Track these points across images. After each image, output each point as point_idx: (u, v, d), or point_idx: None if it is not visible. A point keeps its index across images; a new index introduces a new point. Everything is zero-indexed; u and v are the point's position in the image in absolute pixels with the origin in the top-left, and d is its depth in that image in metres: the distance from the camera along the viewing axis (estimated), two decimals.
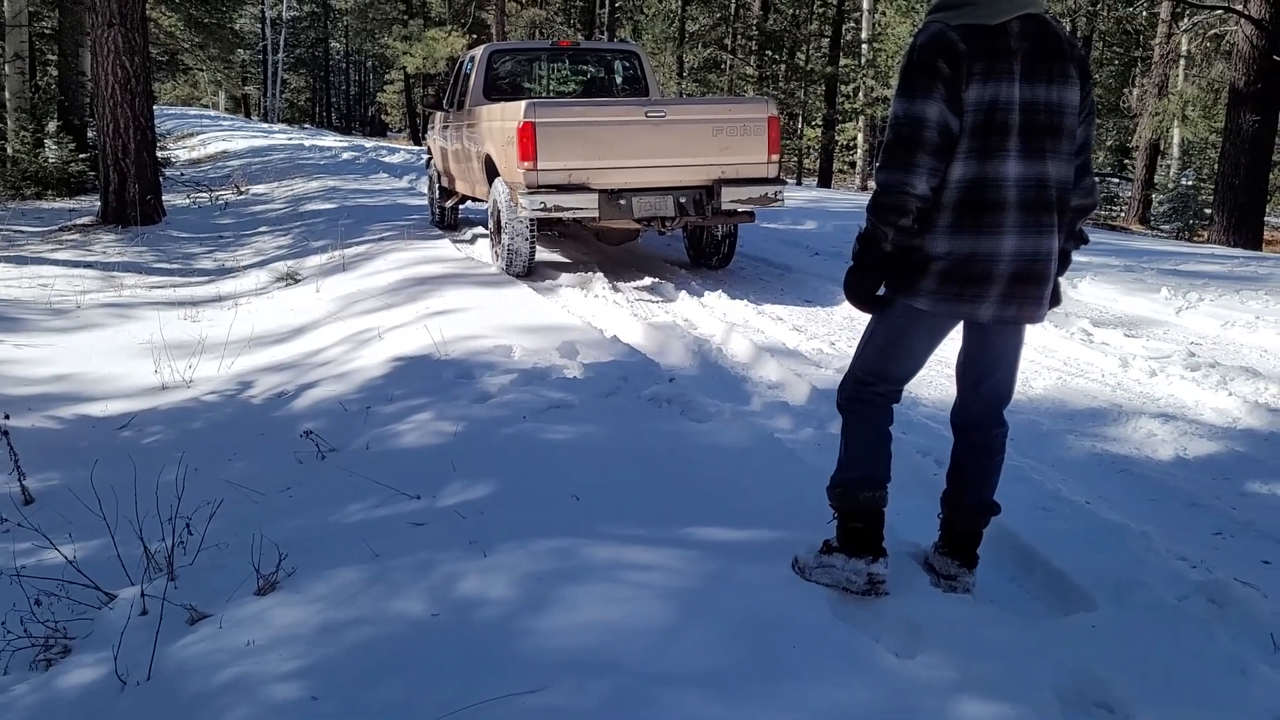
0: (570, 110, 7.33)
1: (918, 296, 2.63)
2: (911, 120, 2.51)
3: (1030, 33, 2.54)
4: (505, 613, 2.66)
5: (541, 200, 6.95)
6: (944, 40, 2.50)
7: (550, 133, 6.98)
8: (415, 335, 5.66)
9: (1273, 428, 4.43)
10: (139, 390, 5.45)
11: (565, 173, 7.04)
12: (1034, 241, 2.58)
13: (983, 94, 2.49)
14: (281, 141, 26.63)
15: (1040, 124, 2.54)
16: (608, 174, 7.10)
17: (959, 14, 2.53)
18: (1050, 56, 2.55)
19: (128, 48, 11.21)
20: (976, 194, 2.53)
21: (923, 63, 2.51)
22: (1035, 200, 2.56)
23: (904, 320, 2.71)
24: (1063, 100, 2.57)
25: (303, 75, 54.53)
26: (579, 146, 7.04)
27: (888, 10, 29.89)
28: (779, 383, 5.03)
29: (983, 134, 2.51)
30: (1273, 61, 13.14)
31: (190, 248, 10.66)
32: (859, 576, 2.79)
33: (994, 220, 2.54)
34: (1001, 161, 2.52)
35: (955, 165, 2.54)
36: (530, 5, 32.08)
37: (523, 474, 3.66)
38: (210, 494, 3.47)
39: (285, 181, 16.45)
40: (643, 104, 7.52)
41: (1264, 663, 2.51)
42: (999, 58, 2.50)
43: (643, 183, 7.17)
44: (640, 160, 7.14)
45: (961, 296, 2.59)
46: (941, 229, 2.57)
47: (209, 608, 2.82)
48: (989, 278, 2.57)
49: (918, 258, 2.61)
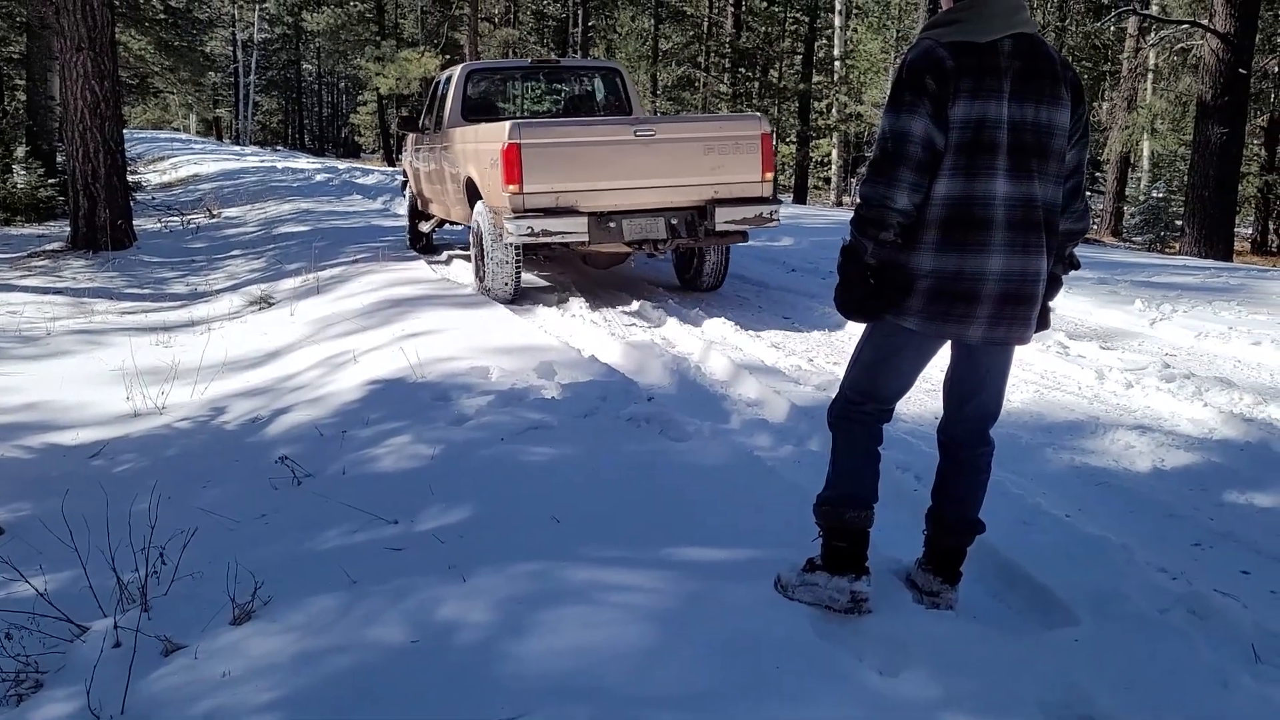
0: (557, 130, 7.04)
1: (906, 316, 2.62)
2: (896, 135, 2.52)
3: (1022, 52, 2.55)
4: (485, 638, 2.63)
5: (529, 225, 6.69)
6: (932, 57, 2.51)
7: (536, 154, 6.72)
8: (391, 358, 5.62)
9: (1248, 438, 4.45)
10: (111, 418, 5.38)
11: (552, 195, 6.77)
12: (1021, 261, 2.57)
13: (970, 111, 2.50)
14: (254, 164, 26.51)
15: (1028, 144, 2.55)
16: (596, 196, 6.85)
17: (949, 31, 2.55)
18: (1041, 77, 2.56)
19: (97, 72, 11.14)
20: (963, 211, 2.54)
21: (910, 79, 2.52)
22: (1023, 220, 2.56)
23: (892, 339, 2.71)
24: (1052, 121, 2.57)
25: (275, 97, 54.38)
26: (566, 168, 6.78)
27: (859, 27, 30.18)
28: (758, 400, 5.02)
29: (969, 151, 2.51)
30: (1239, 75, 13.35)
31: (162, 272, 10.57)
32: (842, 595, 2.77)
33: (981, 238, 2.54)
34: (989, 180, 2.52)
35: (940, 182, 2.54)
36: (503, 26, 32.19)
37: (501, 496, 3.63)
38: (184, 522, 3.42)
39: (258, 204, 16.37)
40: (631, 123, 7.26)
41: (1246, 674, 2.51)
42: (987, 75, 2.51)
43: (633, 204, 6.94)
44: (630, 181, 6.90)
45: (950, 316, 2.59)
46: (928, 246, 2.57)
47: (183, 639, 2.77)
48: (976, 297, 2.57)
49: (904, 275, 2.60)
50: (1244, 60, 13.46)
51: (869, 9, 33.93)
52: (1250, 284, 8.36)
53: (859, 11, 33.05)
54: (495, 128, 7.08)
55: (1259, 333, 6.33)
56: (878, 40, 32.68)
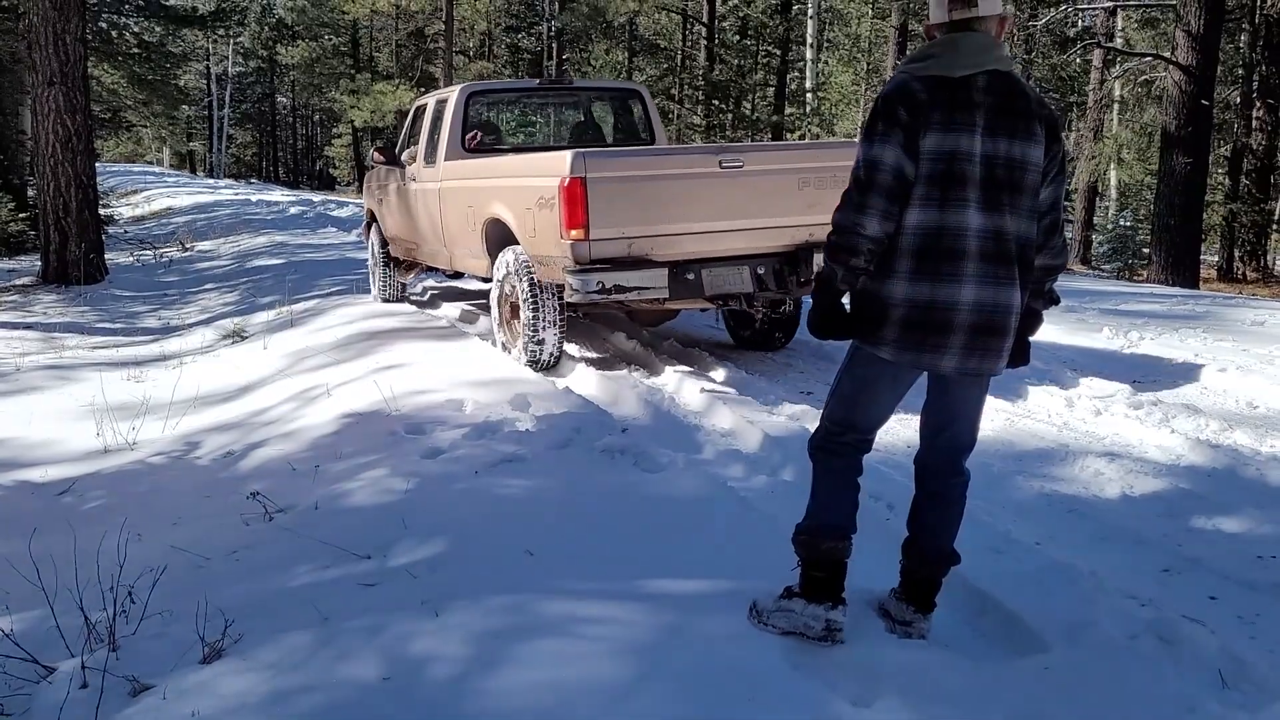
0: (628, 162, 5.84)
1: (880, 346, 2.67)
2: (868, 163, 2.60)
3: (995, 88, 2.62)
4: (458, 673, 2.62)
5: (598, 280, 5.42)
6: (906, 89, 2.59)
7: (606, 191, 5.48)
8: (365, 391, 5.60)
9: (1214, 464, 4.51)
10: (80, 454, 5.33)
11: (624, 242, 5.55)
12: (993, 292, 2.62)
13: (941, 143, 2.56)
14: (228, 197, 26.44)
15: (1000, 178, 2.61)
16: (674, 241, 5.66)
17: (924, 66, 2.63)
18: (1014, 113, 2.62)
19: (69, 106, 11.11)
20: (935, 241, 2.59)
21: (884, 110, 2.60)
22: (994, 252, 2.62)
23: (869, 370, 2.76)
24: (1025, 157, 2.63)
25: (249, 130, 54.35)
26: (640, 207, 5.58)
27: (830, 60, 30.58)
28: (731, 430, 5.04)
29: (941, 183, 2.57)
30: (1201, 106, 13.60)
31: (134, 306, 10.51)
32: (817, 622, 2.78)
33: (953, 269, 2.59)
34: (961, 211, 2.58)
35: (913, 212, 2.60)
36: (478, 59, 32.35)
37: (475, 530, 3.62)
38: (154, 560, 3.39)
39: (232, 237, 16.31)
40: (715, 151, 5.97)
41: (1213, 700, 2.54)
42: (959, 109, 2.58)
43: (714, 251, 5.77)
44: (713, 223, 5.73)
45: (924, 346, 2.64)
46: (901, 275, 2.62)
47: (152, 678, 2.73)
48: (950, 327, 2.61)
49: (879, 304, 2.65)
50: (1206, 92, 13.73)
51: (839, 43, 34.43)
52: (1216, 311, 8.48)
53: (830, 45, 33.51)
54: (548, 158, 5.90)
55: (1224, 359, 6.42)
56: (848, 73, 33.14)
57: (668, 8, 28.92)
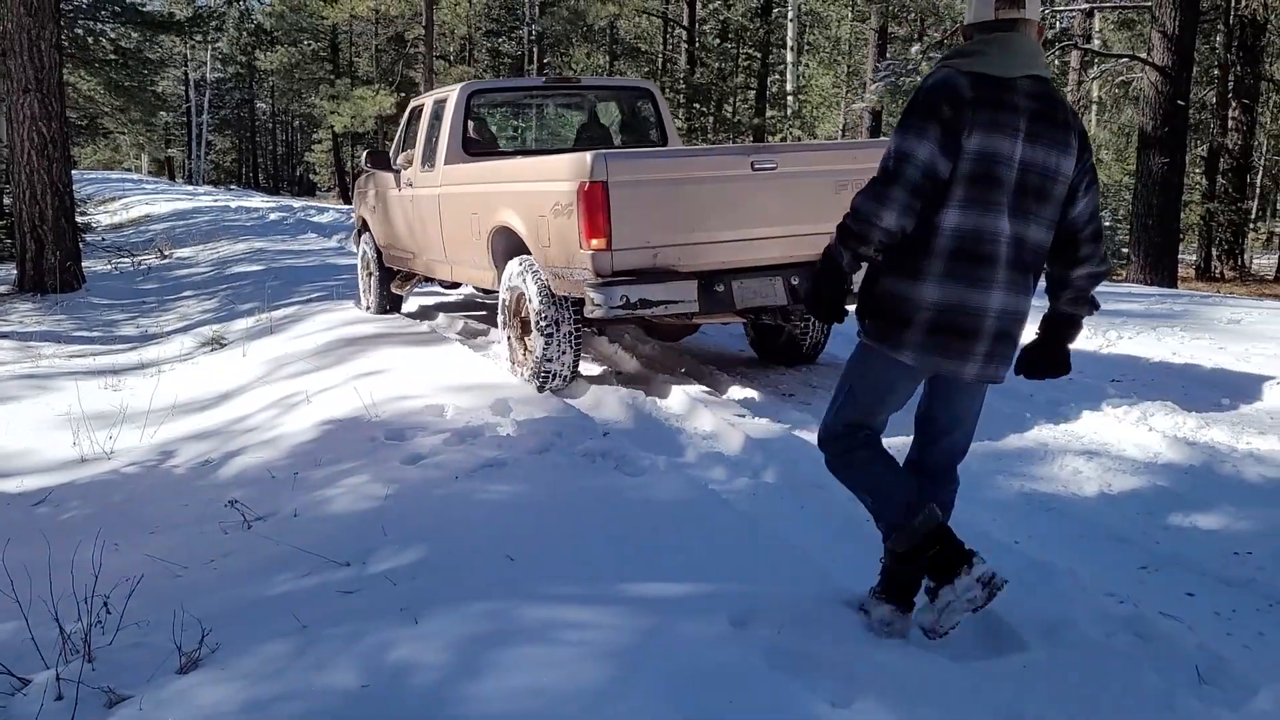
0: (653, 164, 5.40)
1: (903, 349, 2.62)
2: (899, 155, 2.54)
3: (1038, 94, 2.57)
4: (438, 680, 2.60)
5: (622, 293, 5.00)
6: (951, 84, 2.54)
7: (630, 196, 5.03)
8: (345, 397, 5.58)
9: (1192, 461, 4.54)
10: (57, 464, 5.29)
11: (649, 252, 5.13)
12: (1014, 300, 2.62)
13: (985, 144, 2.52)
14: (207, 203, 26.31)
15: (1031, 185, 2.57)
16: (702, 251, 5.25)
17: (971, 62, 2.57)
18: (1054, 122, 2.58)
19: (44, 113, 11.04)
20: (972, 245, 2.55)
21: (925, 103, 2.54)
22: (1017, 260, 2.60)
23: (886, 374, 2.72)
24: (1058, 167, 2.59)
25: (228, 136, 54.10)
26: (667, 214, 5.16)
27: (811, 63, 30.68)
28: (713, 433, 5.04)
29: (980, 185, 2.53)
30: (1177, 106, 13.70)
31: (111, 314, 10.44)
32: (973, 590, 2.64)
33: (987, 274, 2.57)
34: (997, 216, 2.55)
35: (949, 213, 2.55)
36: (459, 63, 32.31)
37: (455, 536, 3.61)
38: (130, 570, 3.36)
39: (211, 244, 16.23)
40: (746, 152, 5.57)
41: (1192, 696, 2.55)
42: (1006, 111, 2.53)
43: (744, 260, 5.35)
44: (744, 230, 5.32)
45: (949, 351, 2.60)
46: (933, 276, 2.57)
47: (128, 689, 2.71)
48: (977, 333, 2.59)
49: (905, 306, 2.60)
50: (1182, 92, 13.82)
51: (820, 45, 34.57)
52: (1194, 310, 8.54)
53: (810, 48, 33.64)
54: (564, 160, 5.38)
55: (1202, 357, 6.47)
56: (829, 75, 33.27)
57: (648, 11, 28.99)
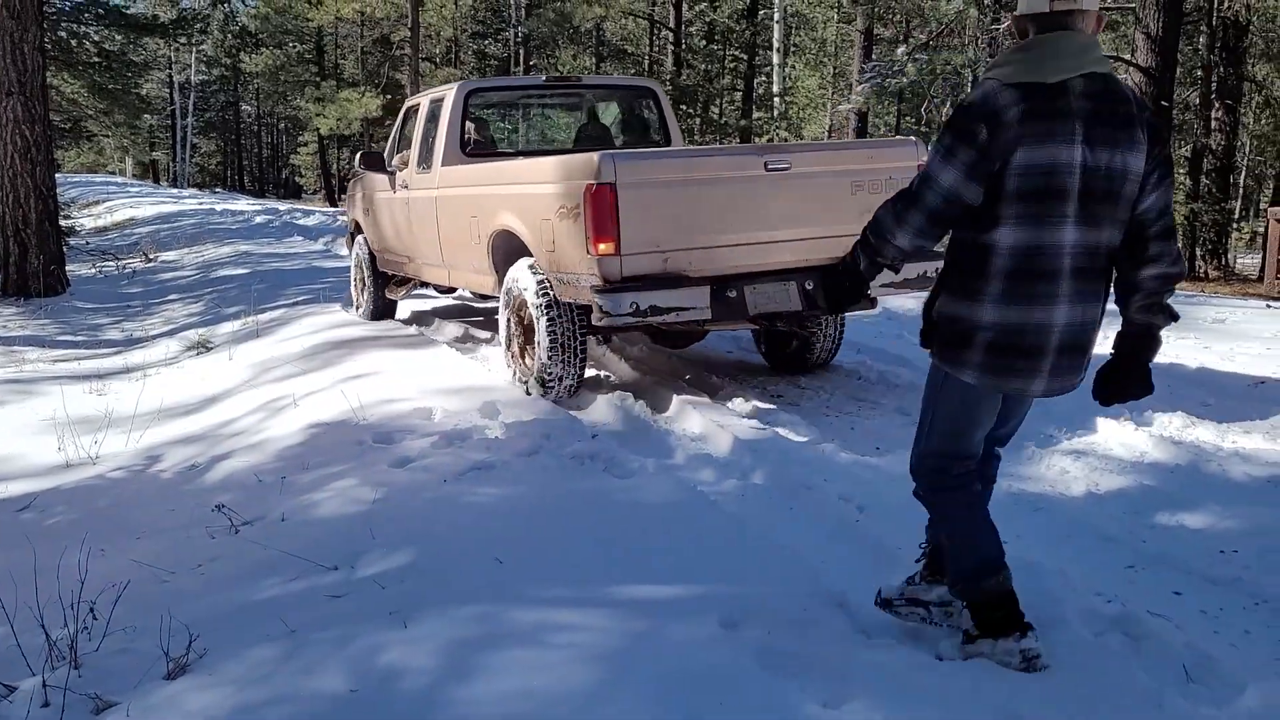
0: (663, 165, 5.16)
1: (964, 370, 2.57)
2: (923, 178, 2.51)
3: (1094, 93, 2.43)
4: (427, 684, 2.59)
5: (631, 300, 4.80)
6: (992, 104, 2.41)
7: (639, 198, 4.84)
8: (332, 400, 5.56)
9: (1178, 460, 4.56)
10: (41, 469, 5.25)
11: (659, 256, 4.93)
12: (1082, 310, 2.52)
13: (1037, 157, 2.40)
14: (192, 206, 26.19)
15: (1098, 190, 2.44)
16: (714, 255, 5.05)
17: (1015, 71, 2.43)
18: (1116, 120, 2.43)
19: (27, 116, 10.97)
20: (1031, 263, 2.45)
21: (960, 124, 2.44)
22: (1087, 268, 2.49)
23: (962, 396, 2.64)
24: (1126, 167, 2.45)
25: (213, 139, 53.86)
26: (678, 216, 4.97)
27: (797, 65, 30.74)
28: (702, 435, 5.04)
29: (1037, 199, 2.42)
30: (1161, 107, 13.76)
31: (96, 319, 10.38)
32: (1012, 658, 2.64)
33: (1048, 290, 2.46)
34: (1058, 228, 2.43)
35: (1003, 231, 2.45)
36: (445, 65, 32.25)
37: (444, 539, 3.60)
38: (117, 575, 3.34)
39: (196, 247, 16.16)
40: (758, 152, 5.39)
41: (1180, 695, 2.56)
42: (1058, 119, 2.40)
43: (757, 265, 5.17)
44: (757, 233, 5.13)
45: (1012, 371, 2.54)
46: (991, 298, 2.49)
47: (115, 695, 2.69)
48: (1042, 351, 2.51)
49: (963, 327, 2.54)
50: (1166, 93, 13.89)
51: (806, 47, 34.63)
52: (1178, 309, 8.57)
53: (796, 49, 33.70)
54: (569, 161, 5.20)
55: (1187, 356, 6.50)
56: (815, 77, 33.35)
57: (634, 13, 29.00)
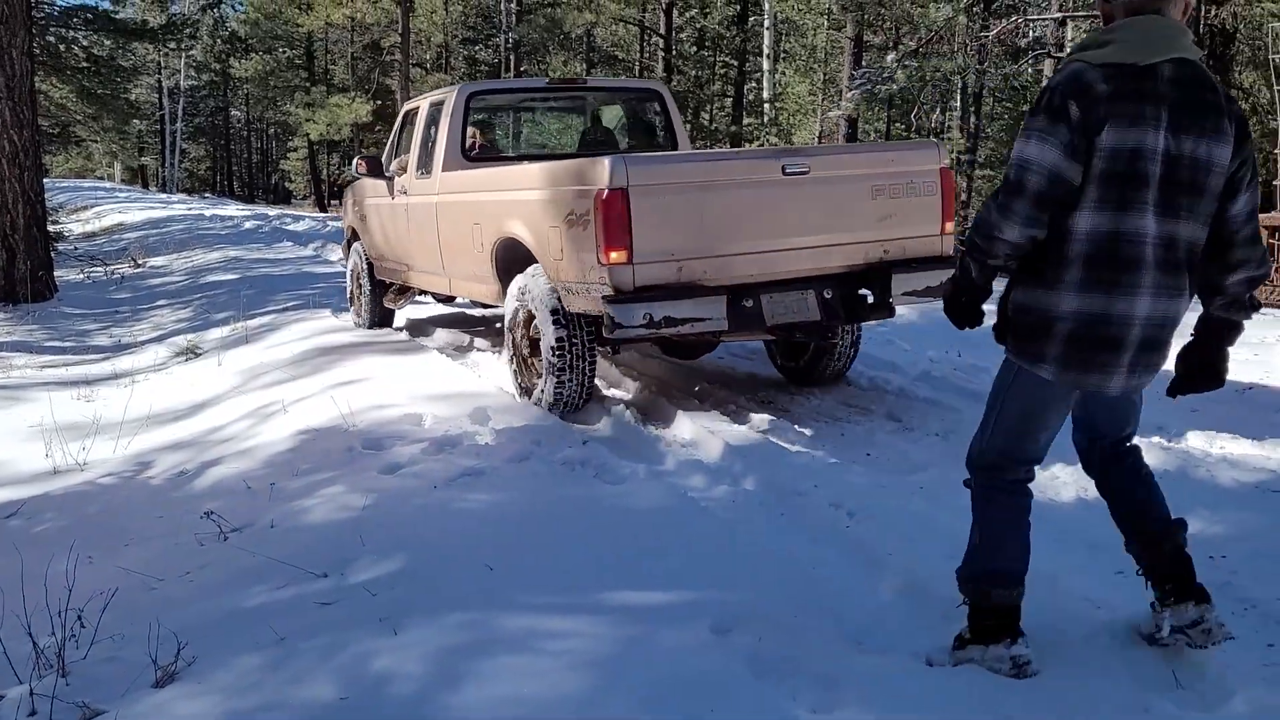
0: (676, 169, 4.93)
1: (1041, 364, 2.49)
2: (1020, 164, 2.40)
3: (1182, 79, 2.37)
4: (418, 691, 2.59)
5: (645, 311, 4.59)
6: (1081, 81, 2.35)
7: (653, 204, 4.63)
8: (322, 406, 5.54)
9: (1166, 465, 4.57)
10: (29, 476, 5.22)
11: (674, 265, 4.71)
12: (1165, 305, 2.44)
13: (1123, 139, 2.34)
14: (181, 212, 26.12)
15: (1182, 180, 2.37)
16: (730, 263, 4.84)
17: (1105, 53, 2.38)
18: (1203, 109, 2.38)
19: (15, 121, 10.93)
20: (1111, 248, 2.39)
21: (1051, 104, 2.37)
22: (1168, 260, 2.41)
23: (1034, 394, 2.58)
24: (1210, 157, 2.39)
25: (202, 144, 53.75)
26: (692, 223, 4.74)
27: (787, 71, 30.82)
28: (692, 441, 5.04)
29: (1119, 183, 2.36)
30: None
31: (84, 324, 10.34)
32: (1002, 664, 2.64)
33: (1132, 279, 2.39)
34: (1140, 215, 2.37)
35: (1082, 215, 2.39)
36: (435, 71, 32.24)
37: (434, 545, 3.59)
38: (105, 583, 3.33)
39: (185, 253, 16.12)
40: (775, 155, 5.12)
41: (1167, 701, 2.57)
42: (1145, 102, 2.34)
43: (775, 273, 4.96)
44: (774, 240, 4.92)
45: (1091, 365, 2.46)
46: (1070, 285, 2.42)
47: (103, 704, 2.68)
48: (1121, 344, 2.44)
49: (1042, 318, 2.47)
50: None
51: (796, 53, 34.74)
52: None
53: (786, 56, 33.80)
54: (578, 166, 5.01)
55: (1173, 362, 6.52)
56: (805, 83, 33.45)
57: (625, 19, 29.04)
